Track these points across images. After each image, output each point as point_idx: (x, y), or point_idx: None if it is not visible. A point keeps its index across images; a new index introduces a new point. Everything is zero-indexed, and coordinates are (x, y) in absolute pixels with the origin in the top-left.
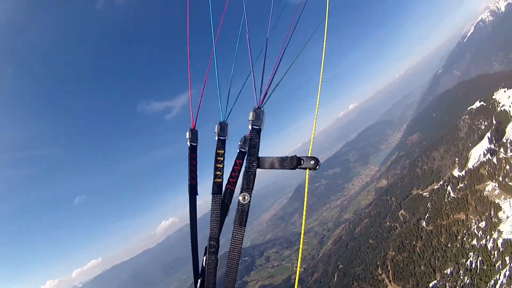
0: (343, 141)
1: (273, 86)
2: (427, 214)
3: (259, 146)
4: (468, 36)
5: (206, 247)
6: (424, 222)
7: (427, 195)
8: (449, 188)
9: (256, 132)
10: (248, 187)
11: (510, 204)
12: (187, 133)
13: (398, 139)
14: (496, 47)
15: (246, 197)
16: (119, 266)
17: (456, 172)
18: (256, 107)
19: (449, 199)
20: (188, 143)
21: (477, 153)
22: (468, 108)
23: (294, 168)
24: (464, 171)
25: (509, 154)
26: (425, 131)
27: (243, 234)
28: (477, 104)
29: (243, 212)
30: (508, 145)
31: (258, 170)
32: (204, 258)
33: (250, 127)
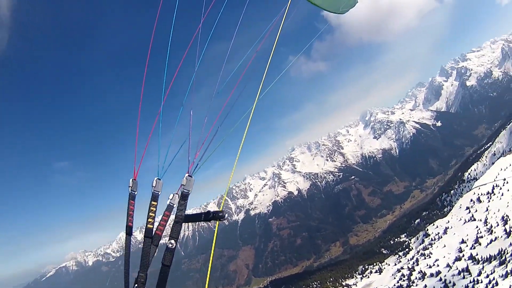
0: None
1: (203, 160)
2: None
3: (186, 206)
4: (47, 276)
5: (135, 278)
6: None
7: None
8: None
9: (185, 195)
10: (176, 236)
11: None
12: (130, 182)
13: None
14: None
15: (173, 243)
16: None
17: None
18: (187, 174)
19: None
20: (130, 191)
21: None
22: None
23: (209, 220)
24: None
25: None
26: None
27: (168, 273)
28: None
29: (170, 255)
30: None
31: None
32: (135, 287)
33: (181, 190)
